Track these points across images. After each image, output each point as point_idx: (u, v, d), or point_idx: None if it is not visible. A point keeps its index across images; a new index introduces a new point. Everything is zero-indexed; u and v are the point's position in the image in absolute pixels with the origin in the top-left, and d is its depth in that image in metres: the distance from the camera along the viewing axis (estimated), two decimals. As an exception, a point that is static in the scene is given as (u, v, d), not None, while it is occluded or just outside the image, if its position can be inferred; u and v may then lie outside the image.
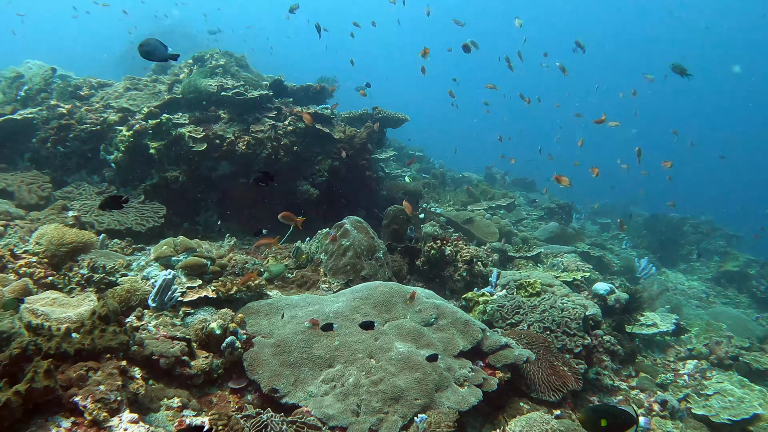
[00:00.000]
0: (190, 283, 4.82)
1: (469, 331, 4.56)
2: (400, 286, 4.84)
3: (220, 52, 9.40)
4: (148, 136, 7.16)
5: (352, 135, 8.01)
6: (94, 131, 7.22)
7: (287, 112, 7.81)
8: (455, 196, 11.98)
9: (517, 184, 19.06)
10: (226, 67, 8.94)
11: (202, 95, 7.58)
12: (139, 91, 7.81)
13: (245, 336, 4.34)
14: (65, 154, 7.23)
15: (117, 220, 6.49)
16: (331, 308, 4.62)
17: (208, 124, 7.49)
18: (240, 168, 7.46)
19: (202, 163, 7.38)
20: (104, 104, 7.55)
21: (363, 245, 5.77)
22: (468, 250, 6.63)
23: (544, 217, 13.00)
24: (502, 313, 5.64)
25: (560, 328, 5.40)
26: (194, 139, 7.20)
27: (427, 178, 13.17)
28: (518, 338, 5.13)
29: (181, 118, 7.38)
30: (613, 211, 19.27)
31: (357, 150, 8.02)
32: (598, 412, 2.62)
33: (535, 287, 5.91)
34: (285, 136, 7.55)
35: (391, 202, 9.49)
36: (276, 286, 5.82)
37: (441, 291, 6.59)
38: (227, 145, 7.32)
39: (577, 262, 8.87)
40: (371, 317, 4.52)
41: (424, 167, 16.54)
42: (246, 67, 9.52)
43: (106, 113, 7.41)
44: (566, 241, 10.87)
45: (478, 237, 9.02)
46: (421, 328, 4.47)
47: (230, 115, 7.59)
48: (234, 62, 9.28)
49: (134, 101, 7.56)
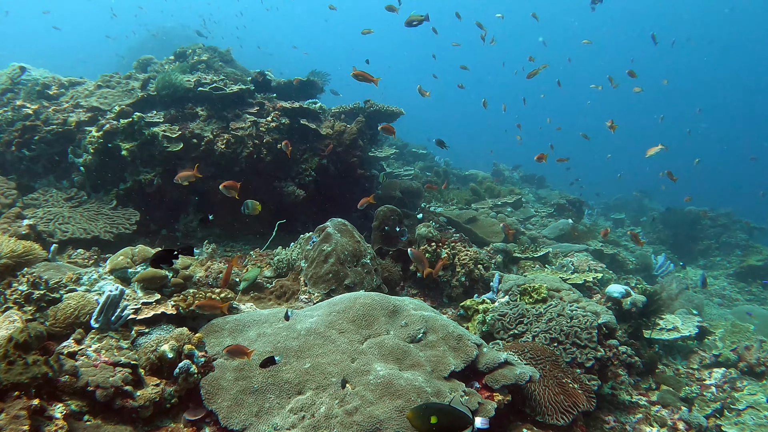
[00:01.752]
0: (146, 297, 4.27)
1: (462, 348, 3.95)
2: (384, 298, 4.25)
3: (203, 47, 8.89)
4: (119, 137, 6.63)
5: (341, 130, 7.43)
6: (62, 132, 6.71)
7: (270, 108, 7.25)
8: (459, 195, 11.36)
9: (527, 180, 18.39)
10: (210, 63, 8.42)
11: (178, 91, 7.05)
12: (111, 88, 7.29)
13: (204, 359, 3.78)
14: (31, 158, 6.72)
15: (83, 228, 5.97)
16: (303, 324, 4.04)
17: (184, 122, 6.96)
18: (220, 169, 6.91)
19: (179, 164, 6.84)
20: (74, 104, 7.04)
21: (347, 250, 5.19)
22: (467, 252, 6.03)
23: (553, 214, 12.34)
24: (503, 323, 5.03)
25: (569, 338, 4.78)
26: (169, 138, 6.66)
27: (429, 176, 12.55)
28: (521, 352, 4.52)
29: (155, 117, 6.86)
30: (626, 205, 18.55)
31: (347, 146, 7.44)
32: (429, 409, 2.39)
33: (540, 293, 5.29)
34: (268, 133, 6.99)
35: (387, 202, 8.91)
36: (252, 297, 5.27)
37: (438, 298, 6.00)
38: (205, 144, 6.78)
39: (589, 261, 8.23)
40: (349, 334, 3.94)
41: (428, 165, 15.93)
42: (231, 62, 9.00)
43: (75, 113, 6.89)
44: (577, 239, 10.22)
45: (482, 237, 8.41)
46: (406, 345, 3.88)
47: (209, 112, 7.06)
48: (218, 57, 8.76)
49: (105, 99, 7.05)
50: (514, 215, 11.29)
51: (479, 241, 8.34)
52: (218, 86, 7.02)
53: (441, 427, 2.41)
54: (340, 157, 7.39)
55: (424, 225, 6.04)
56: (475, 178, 15.71)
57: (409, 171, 14.04)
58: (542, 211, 12.31)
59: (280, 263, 5.63)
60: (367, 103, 8.08)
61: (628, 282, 8.80)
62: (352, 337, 3.90)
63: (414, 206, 8.89)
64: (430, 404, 2.48)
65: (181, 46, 8.81)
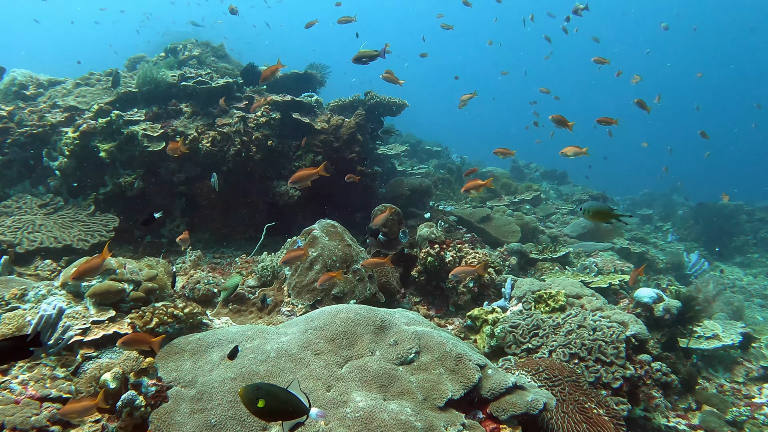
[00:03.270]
0: (98, 315, 3.72)
1: (461, 370, 3.31)
2: (371, 311, 3.62)
3: (195, 42, 8.39)
4: (97, 138, 6.14)
5: (337, 124, 6.83)
6: (36, 134, 6.24)
7: (260, 102, 6.69)
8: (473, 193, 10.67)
9: (547, 176, 17.60)
10: (201, 58, 7.91)
11: (161, 87, 6.53)
12: (91, 86, 6.81)
13: (155, 388, 3.21)
14: (4, 162, 6.26)
15: (53, 237, 5.47)
16: (274, 345, 3.44)
17: (167, 119, 6.44)
18: (206, 169, 6.37)
19: (163, 165, 6.32)
20: (51, 104, 6.57)
21: (335, 255, 4.58)
22: (475, 254, 5.37)
23: (575, 211, 11.57)
24: (515, 336, 4.37)
25: (592, 354, 4.10)
26: (150, 137, 6.14)
27: (441, 173, 11.89)
28: (535, 371, 3.86)
29: (135, 115, 6.34)
30: (653, 201, 17.62)
31: (344, 141, 6.84)
32: (259, 390, 2.22)
33: (558, 300, 4.60)
34: (257, 128, 6.43)
35: (395, 201, 8.30)
36: (231, 310, 4.69)
37: (443, 307, 5.36)
38: (190, 142, 6.24)
39: (614, 261, 7.50)
40: (327, 355, 3.32)
41: (443, 163, 15.24)
42: (224, 57, 8.47)
43: (51, 113, 6.42)
44: (601, 237, 9.46)
45: (496, 237, 7.73)
46: (393, 369, 3.25)
47: (194, 108, 6.52)
48: (211, 52, 8.25)
49: (83, 98, 6.56)
50: (533, 213, 10.57)
51: (493, 241, 7.67)
52: (203, 80, 6.48)
53: (270, 411, 2.23)
54: (337, 153, 6.79)
55: (425, 225, 5.40)
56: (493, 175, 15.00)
57: (423, 169, 13.43)
58: (563, 208, 11.55)
59: (264, 271, 5.04)
60: (367, 95, 7.47)
61: (659, 283, 8.03)
62: (330, 360, 3.29)
63: (424, 205, 8.25)
64: (260, 384, 2.20)
65: (173, 42, 8.32)
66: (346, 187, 7.07)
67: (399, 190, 8.39)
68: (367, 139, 7.38)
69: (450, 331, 4.99)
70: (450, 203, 10.02)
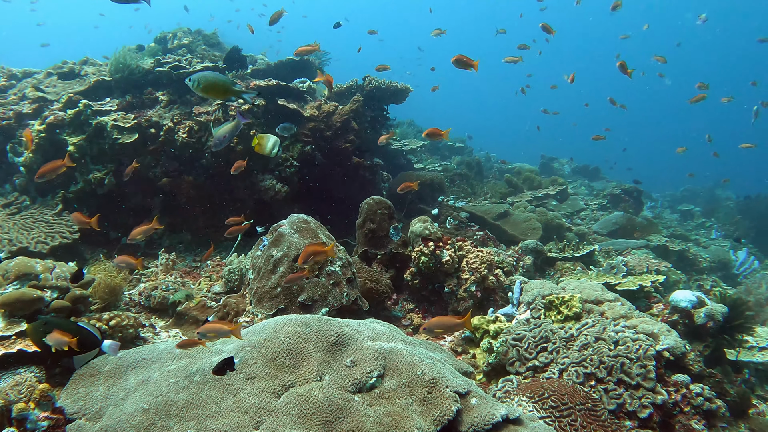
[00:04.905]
0: (6, 329, 3.11)
1: (435, 400, 2.57)
2: (325, 324, 2.91)
3: (187, 30, 7.85)
4: (66, 130, 5.61)
5: (329, 111, 6.15)
6: (1, 128, 5.74)
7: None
8: (493, 188, 9.85)
9: (579, 172, 16.58)
10: (191, 47, 7.36)
11: (134, 74, 5.96)
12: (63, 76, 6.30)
13: (47, 422, 2.58)
14: (-32, 159, 5.81)
15: (8, 239, 4.94)
16: (201, 366, 2.76)
17: (141, 109, 5.87)
18: (184, 163, 5.78)
19: (137, 159, 5.74)
20: (21, 95, 6.09)
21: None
22: (478, 253, 4.60)
23: (607, 206, 10.62)
24: (519, 351, 3.58)
25: (613, 374, 3.29)
26: (120, 129, 5.57)
27: (460, 169, 11.10)
28: (539, 397, 3.08)
29: (107, 105, 5.79)
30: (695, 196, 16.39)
31: (337, 129, 6.15)
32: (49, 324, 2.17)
33: (572, 306, 3.79)
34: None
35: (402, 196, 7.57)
36: (188, 321, 4.05)
37: (441, 314, 4.60)
38: (165, 134, 5.66)
39: (649, 259, 6.59)
40: (262, 380, 2.62)
41: (466, 160, 14.41)
42: (217, 45, 7.91)
43: (19, 105, 5.93)
44: (636, 235, 8.53)
45: (513, 235, 6.92)
46: (346, 398, 2.53)
47: (171, 96, 5.94)
48: (202, 40, 7.71)
49: (54, 89, 6.05)
50: (560, 209, 9.68)
51: (510, 239, 6.86)
52: (179, 65, 5.89)
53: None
54: (328, 142, 6.10)
55: (419, 220, 4.66)
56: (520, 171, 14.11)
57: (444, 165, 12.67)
58: (593, 203, 10.61)
59: (232, 275, 4.40)
60: (366, 80, 6.77)
61: (701, 284, 7.08)
62: (266, 387, 2.59)
63: (435, 201, 7.50)
64: (49, 319, 2.09)
65: (162, 30, 7.79)
66: (343, 181, 6.39)
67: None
68: (366, 128, 6.68)
69: (444, 345, 4.24)
70: (468, 200, 9.23)
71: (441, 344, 4.29)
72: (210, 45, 7.75)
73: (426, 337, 4.35)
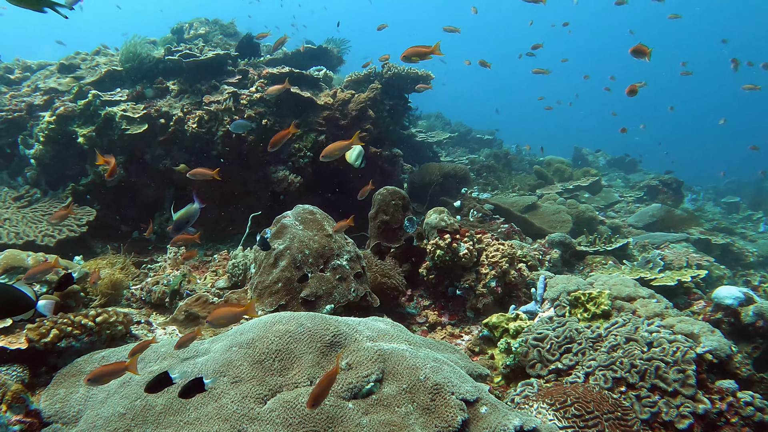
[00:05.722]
0: (-11, 325, 2.94)
1: (438, 409, 2.28)
2: (321, 321, 2.64)
3: (204, 20, 7.69)
4: (77, 121, 5.49)
5: (345, 99, 5.88)
6: (12, 120, 5.66)
7: (255, 76, 5.84)
8: (522, 180, 9.45)
9: (615, 164, 15.93)
10: (208, 37, 7.18)
11: (145, 63, 5.80)
12: (75, 67, 6.19)
13: (19, 427, 2.39)
14: (-20, 152, 5.75)
15: (15, 233, 4.83)
16: (183, 368, 2.53)
17: (152, 99, 5.70)
18: (194, 153, 5.60)
19: (148, 150, 5.59)
20: (34, 87, 6.00)
21: (309, 248, 3.63)
22: (498, 246, 4.27)
23: (643, 199, 10.09)
24: (541, 352, 3.25)
25: (647, 380, 2.94)
26: (130, 119, 5.42)
27: (486, 161, 10.71)
28: (561, 404, 2.75)
29: (117, 95, 5.65)
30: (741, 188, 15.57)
31: (353, 118, 5.87)
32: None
33: (600, 303, 3.44)
34: (250, 106, 5.58)
35: (424, 189, 7.27)
36: (187, 317, 3.84)
37: (460, 311, 4.29)
38: (175, 124, 5.49)
39: (690, 253, 6.13)
40: (247, 384, 2.37)
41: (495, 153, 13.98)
42: (234, 35, 7.73)
43: (32, 97, 5.84)
44: (675, 227, 8.03)
45: (541, 228, 6.54)
46: (339, 405, 2.26)
47: (182, 86, 5.76)
48: (219, 30, 7.53)
49: (65, 79, 5.94)
50: (592, 201, 9.22)
51: (537, 233, 6.49)
52: (190, 52, 5.70)
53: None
54: (343, 131, 5.83)
55: (434, 211, 4.35)
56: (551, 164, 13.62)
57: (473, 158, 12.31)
58: (629, 195, 10.09)
59: (236, 269, 4.17)
60: (384, 67, 6.47)
61: (748, 280, 6.57)
62: (251, 391, 2.34)
63: (453, 193, 7.17)
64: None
65: (179, 21, 7.65)
66: (360, 172, 6.11)
67: (429, 176, 7.35)
68: (384, 116, 6.38)
69: (461, 344, 3.93)
70: (494, 192, 8.86)
71: (458, 343, 4.00)
72: (227, 35, 7.57)
73: (442, 336, 4.06)
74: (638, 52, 4.88)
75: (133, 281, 4.57)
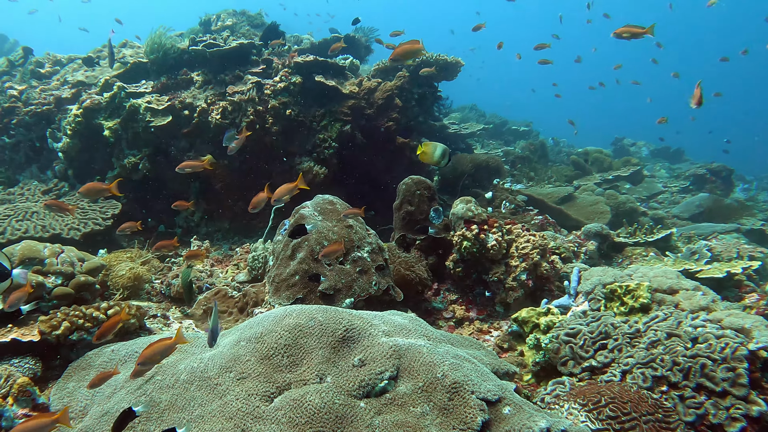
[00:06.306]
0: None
1: (457, 409, 2.09)
2: (334, 315, 2.48)
3: (232, 12, 7.63)
4: (102, 114, 5.49)
5: (371, 87, 5.71)
6: (41, 113, 5.70)
7: (279, 65, 5.72)
8: (558, 171, 9.11)
9: (659, 154, 15.31)
10: (235, 28, 7.12)
11: (169, 54, 5.76)
12: (102, 59, 6.20)
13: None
14: (12, 145, 5.80)
15: (42, 226, 4.85)
16: (190, 363, 2.41)
17: (176, 90, 5.66)
18: (218, 145, 5.52)
19: (172, 142, 5.55)
20: (62, 81, 6.04)
21: (327, 240, 3.48)
22: (529, 237, 4.04)
23: (690, 188, 9.60)
24: (573, 348, 3.02)
25: (691, 379, 2.68)
26: (154, 111, 5.38)
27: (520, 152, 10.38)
28: (594, 405, 2.53)
29: (142, 86, 5.62)
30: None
31: (379, 107, 5.70)
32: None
33: (638, 296, 3.18)
34: (274, 96, 5.46)
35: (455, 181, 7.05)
36: (204, 313, 3.75)
37: (489, 306, 4.08)
38: (198, 115, 5.42)
39: (740, 244, 5.74)
40: (254, 381, 2.23)
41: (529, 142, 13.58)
42: (261, 25, 7.63)
43: (60, 90, 5.87)
44: (723, 218, 7.59)
45: (577, 219, 6.25)
46: (349, 404, 2.10)
47: (206, 77, 5.69)
48: (246, 21, 7.44)
49: (92, 72, 5.96)
50: (633, 192, 8.82)
51: (573, 224, 6.20)
52: (213, 42, 5.63)
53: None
54: (369, 121, 5.67)
55: (461, 200, 4.15)
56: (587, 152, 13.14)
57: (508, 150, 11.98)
58: (673, 185, 9.63)
59: (256, 262, 4.06)
60: (413, 54, 6.26)
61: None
62: (257, 389, 2.20)
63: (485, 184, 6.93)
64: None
65: (207, 13, 7.62)
66: (386, 163, 5.95)
67: (461, 168, 7.12)
68: (412, 105, 6.18)
69: (489, 340, 3.72)
70: (529, 184, 8.55)
71: (486, 339, 3.79)
72: (254, 26, 7.48)
73: (469, 332, 3.86)
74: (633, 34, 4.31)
75: (156, 275, 4.52)
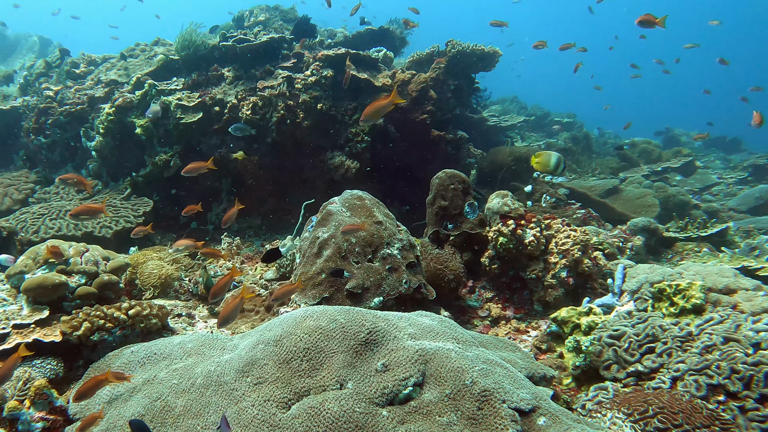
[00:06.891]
0: (29, 316, 2.85)
1: (486, 419, 1.91)
2: (357, 316, 2.33)
3: (265, 7, 7.56)
4: (134, 112, 5.49)
5: (404, 80, 5.54)
6: (75, 112, 5.74)
7: (310, 59, 5.60)
8: (603, 163, 8.74)
9: (713, 144, 14.60)
10: (268, 23, 7.06)
11: (200, 50, 5.73)
12: (135, 58, 6.22)
13: (43, 424, 2.26)
14: (48, 145, 5.87)
15: (74, 224, 4.86)
16: (207, 366, 2.30)
17: (207, 87, 5.61)
18: (249, 142, 5.45)
19: (203, 139, 5.51)
20: (96, 80, 6.08)
21: (356, 236, 3.32)
22: (570, 232, 3.80)
23: (748, 180, 9.06)
24: (617, 352, 2.79)
25: (753, 388, 2.42)
26: (185, 108, 5.35)
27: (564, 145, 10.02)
28: (641, 414, 2.31)
29: (173, 83, 5.60)
30: None
31: (413, 100, 5.52)
32: None
33: (689, 296, 2.91)
34: (305, 90, 5.35)
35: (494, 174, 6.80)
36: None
37: (526, 304, 3.86)
38: (229, 111, 5.36)
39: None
40: (271, 386, 2.10)
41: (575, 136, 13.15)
42: (294, 20, 7.54)
43: (93, 90, 5.90)
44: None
45: (623, 213, 5.93)
46: (370, 412, 1.95)
47: (236, 72, 5.63)
48: (279, 16, 7.37)
49: (125, 71, 5.97)
50: (685, 184, 8.37)
51: (619, 219, 5.88)
52: (243, 37, 5.55)
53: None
54: (403, 114, 5.50)
55: (497, 194, 3.93)
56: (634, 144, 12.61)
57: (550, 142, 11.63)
58: (729, 177, 9.11)
59: (284, 260, 3.95)
60: (448, 45, 6.05)
61: None
62: (274, 394, 2.06)
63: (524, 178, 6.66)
64: None
65: (241, 9, 7.58)
66: (420, 157, 5.76)
67: (499, 160, 6.86)
68: (448, 97, 5.97)
69: (527, 340, 3.51)
70: (572, 177, 8.22)
71: (524, 339, 3.58)
72: (287, 20, 7.39)
73: (506, 332, 3.65)
74: (646, 23, 4.81)
75: (186, 273, 4.47)
